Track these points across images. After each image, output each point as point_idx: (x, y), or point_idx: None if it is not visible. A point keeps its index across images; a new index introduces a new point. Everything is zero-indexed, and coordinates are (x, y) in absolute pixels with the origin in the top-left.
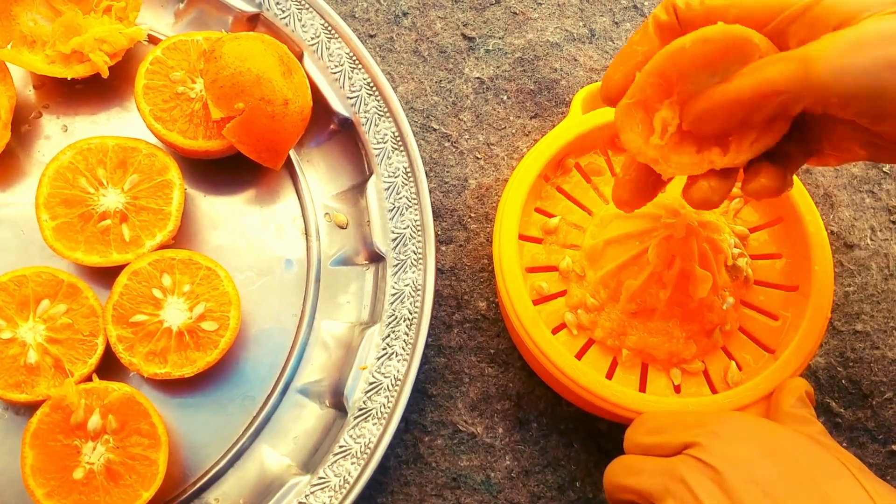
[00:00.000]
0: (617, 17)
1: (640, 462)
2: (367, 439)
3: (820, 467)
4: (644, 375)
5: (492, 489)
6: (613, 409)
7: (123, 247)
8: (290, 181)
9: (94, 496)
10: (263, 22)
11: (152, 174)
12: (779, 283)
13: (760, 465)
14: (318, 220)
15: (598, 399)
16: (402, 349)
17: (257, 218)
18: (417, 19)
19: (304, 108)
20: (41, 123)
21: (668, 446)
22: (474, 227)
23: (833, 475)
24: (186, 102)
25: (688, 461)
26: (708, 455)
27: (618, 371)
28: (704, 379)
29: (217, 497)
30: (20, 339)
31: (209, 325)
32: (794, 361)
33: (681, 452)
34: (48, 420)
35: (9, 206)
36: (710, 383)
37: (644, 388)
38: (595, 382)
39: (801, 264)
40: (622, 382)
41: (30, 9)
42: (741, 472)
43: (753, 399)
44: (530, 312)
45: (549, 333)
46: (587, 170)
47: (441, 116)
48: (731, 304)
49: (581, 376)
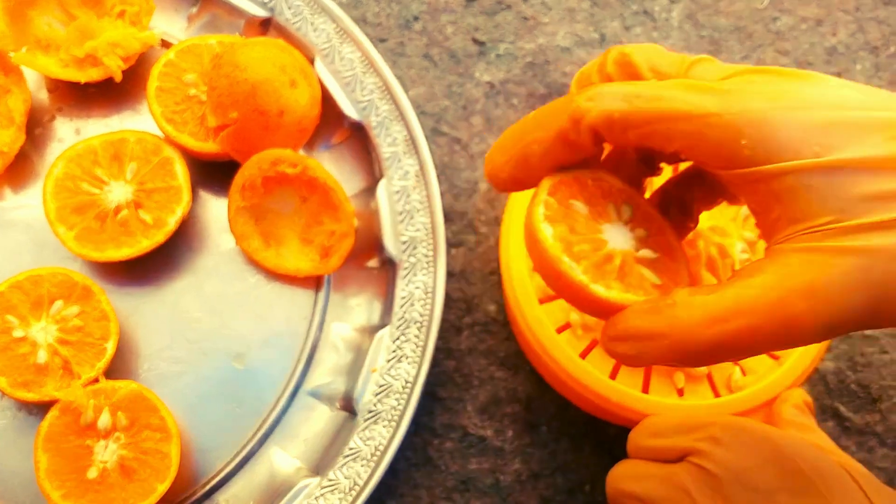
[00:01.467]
0: (627, 21)
1: (644, 467)
2: (377, 442)
3: (822, 475)
4: (647, 378)
5: (501, 492)
6: (615, 409)
7: (148, 231)
8: None
9: (110, 493)
10: (275, 26)
11: (149, 156)
12: None
13: (762, 472)
14: None
15: (601, 399)
16: (412, 352)
17: None
18: (428, 24)
19: (304, 119)
20: (54, 126)
21: (671, 450)
22: (484, 231)
23: (835, 483)
24: (198, 105)
25: (690, 468)
26: (709, 462)
27: (621, 372)
28: (708, 382)
29: (227, 499)
30: (31, 339)
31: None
32: (798, 368)
33: (683, 458)
34: (59, 423)
35: (23, 208)
36: (713, 387)
37: (647, 390)
38: (598, 382)
39: None
40: (626, 384)
41: (44, 13)
42: (742, 480)
43: (756, 404)
44: (536, 311)
45: (553, 333)
46: None
47: (452, 120)
48: None
49: (584, 375)
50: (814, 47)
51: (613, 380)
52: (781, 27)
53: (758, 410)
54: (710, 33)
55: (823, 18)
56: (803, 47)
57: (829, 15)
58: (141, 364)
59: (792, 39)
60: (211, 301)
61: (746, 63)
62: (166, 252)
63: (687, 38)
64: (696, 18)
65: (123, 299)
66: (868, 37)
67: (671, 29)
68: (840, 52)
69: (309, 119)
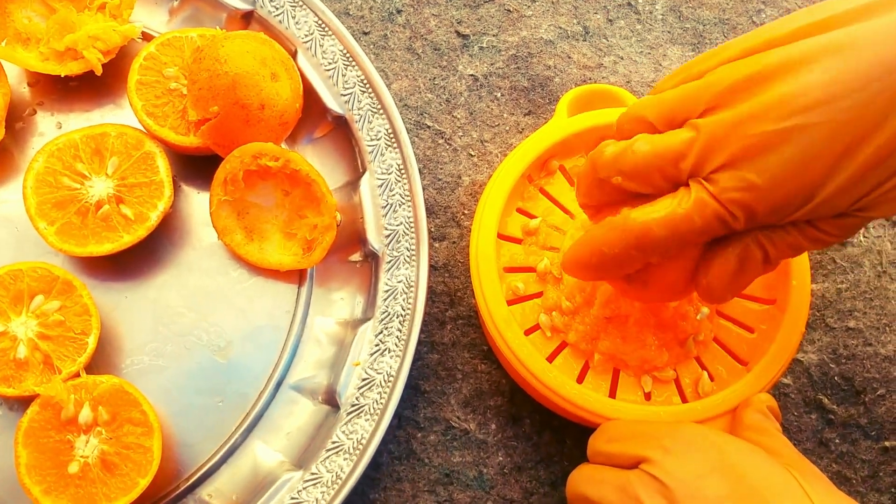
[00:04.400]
0: (611, 14)
1: (600, 473)
2: (359, 435)
3: (769, 482)
4: (615, 381)
5: (484, 485)
6: (581, 413)
7: (130, 226)
8: None
9: (91, 488)
10: (257, 19)
11: (130, 151)
12: (756, 295)
13: (710, 480)
14: None
15: (566, 402)
16: (395, 345)
17: None
18: (411, 17)
19: (286, 112)
20: (35, 121)
21: (626, 457)
22: (467, 224)
23: (781, 489)
24: (179, 99)
25: (641, 476)
26: (659, 471)
27: (589, 375)
28: (675, 387)
29: (210, 493)
30: (11, 334)
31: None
32: (765, 375)
33: (637, 465)
34: (39, 418)
35: (3, 203)
36: (680, 392)
37: (614, 394)
38: (564, 386)
39: (779, 278)
40: (593, 387)
41: (24, 6)
42: (690, 488)
43: (723, 410)
44: (503, 312)
45: (521, 334)
46: (572, 173)
47: (435, 113)
48: (706, 315)
49: (550, 379)
50: None
51: (580, 384)
52: (766, 19)
53: (724, 416)
54: (694, 25)
55: None
56: None
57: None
58: (123, 359)
59: None
60: (193, 295)
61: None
62: (148, 247)
63: (671, 31)
64: (680, 11)
65: (105, 294)
66: None
67: (655, 21)
68: None
69: (290, 112)
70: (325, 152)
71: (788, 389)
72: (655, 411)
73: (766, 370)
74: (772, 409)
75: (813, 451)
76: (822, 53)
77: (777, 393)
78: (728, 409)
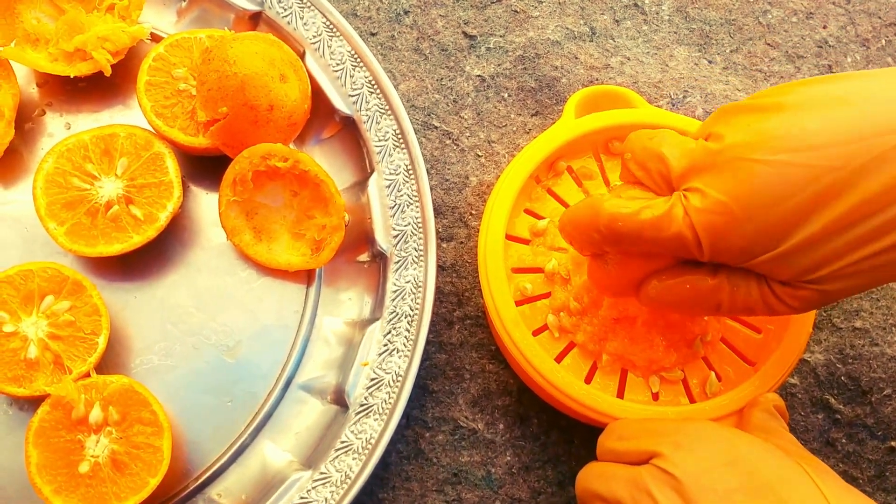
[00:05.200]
0: (618, 15)
1: (611, 469)
2: (368, 435)
3: (780, 475)
4: (623, 381)
5: (492, 485)
6: (589, 413)
7: (139, 226)
8: None
9: (102, 488)
10: (265, 20)
11: (139, 152)
12: None
13: (721, 474)
14: None
15: (575, 403)
16: (403, 346)
17: None
18: (419, 17)
19: (294, 113)
20: (44, 121)
21: (636, 454)
22: (475, 225)
23: (793, 483)
24: (188, 100)
25: (652, 471)
26: (671, 465)
27: (597, 375)
28: (683, 388)
29: (220, 492)
30: (22, 334)
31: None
32: (772, 375)
33: (647, 461)
34: (49, 418)
35: (12, 203)
36: (688, 392)
37: (622, 394)
38: (572, 386)
39: None
40: (601, 387)
41: (33, 7)
42: (702, 481)
43: (730, 410)
44: (512, 313)
45: (529, 334)
46: (579, 174)
47: (442, 114)
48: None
49: (558, 379)
50: (804, 40)
51: (588, 384)
52: (772, 20)
53: (732, 415)
54: (701, 26)
55: (814, 11)
56: (794, 40)
57: (820, 7)
58: (132, 358)
59: (782, 32)
60: (202, 296)
61: (736, 56)
62: (157, 247)
63: (677, 31)
64: (687, 11)
65: (115, 294)
66: (859, 29)
67: (661, 22)
68: (831, 45)
69: (299, 113)
70: (334, 153)
71: (795, 389)
72: (663, 411)
73: (773, 370)
74: (779, 408)
75: (819, 450)
76: (823, 102)
77: (784, 393)
78: (735, 408)
